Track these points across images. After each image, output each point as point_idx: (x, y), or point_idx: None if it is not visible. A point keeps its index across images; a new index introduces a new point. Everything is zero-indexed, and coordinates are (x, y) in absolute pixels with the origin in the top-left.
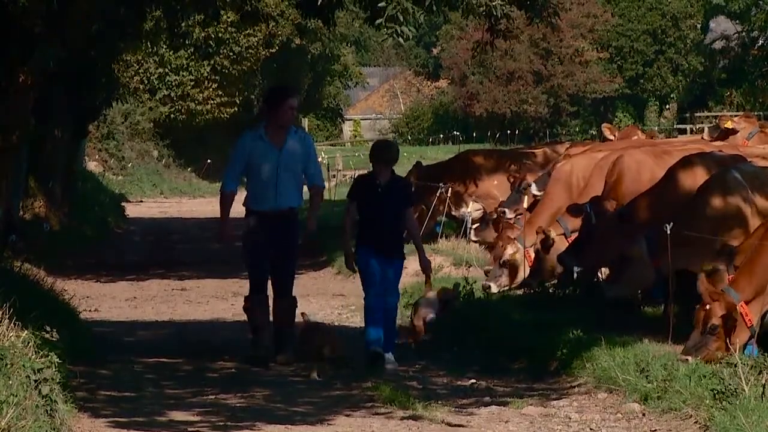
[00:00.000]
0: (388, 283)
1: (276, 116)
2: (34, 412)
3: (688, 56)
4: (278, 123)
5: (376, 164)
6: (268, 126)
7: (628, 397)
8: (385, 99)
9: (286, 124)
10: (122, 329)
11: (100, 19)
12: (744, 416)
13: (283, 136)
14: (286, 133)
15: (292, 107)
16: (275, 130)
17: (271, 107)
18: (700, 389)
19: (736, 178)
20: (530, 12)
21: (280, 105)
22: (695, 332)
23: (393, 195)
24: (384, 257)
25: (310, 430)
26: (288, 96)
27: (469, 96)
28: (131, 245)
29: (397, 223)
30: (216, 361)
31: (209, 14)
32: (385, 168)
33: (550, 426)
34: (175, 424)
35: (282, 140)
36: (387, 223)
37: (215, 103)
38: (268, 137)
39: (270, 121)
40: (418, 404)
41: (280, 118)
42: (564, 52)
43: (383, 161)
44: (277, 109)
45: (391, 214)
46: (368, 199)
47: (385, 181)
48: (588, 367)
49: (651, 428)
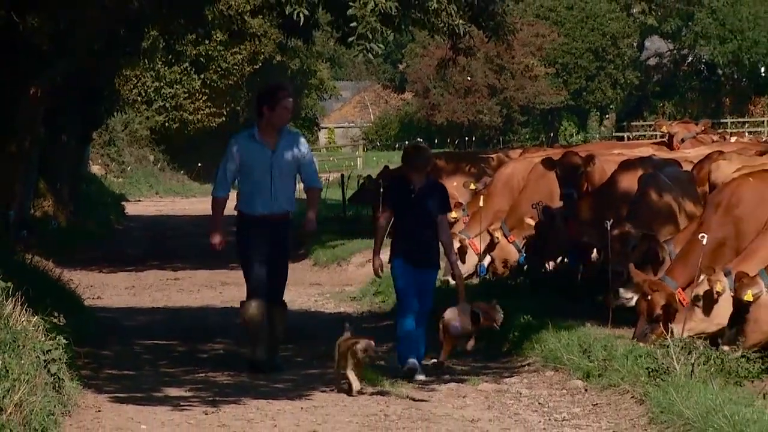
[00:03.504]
0: (422, 294)
1: (272, 116)
2: (43, 389)
3: (625, 72)
4: (273, 124)
5: (409, 170)
6: (261, 126)
7: (572, 374)
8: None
9: (280, 125)
10: (122, 315)
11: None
12: (675, 392)
13: (277, 137)
14: (280, 133)
15: (287, 108)
16: (269, 130)
17: (266, 106)
18: (636, 367)
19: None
20: (488, 31)
21: (276, 104)
22: (641, 320)
23: (428, 200)
24: (418, 267)
25: (290, 405)
26: (284, 95)
27: (431, 107)
28: (130, 240)
29: (432, 231)
30: (206, 343)
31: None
32: (418, 174)
33: (503, 401)
34: (170, 399)
35: (275, 141)
36: (421, 230)
37: (205, 113)
38: (261, 138)
39: (263, 122)
40: (386, 381)
41: (275, 118)
42: (515, 67)
43: (415, 167)
44: (273, 109)
45: (425, 220)
46: (402, 206)
47: (420, 186)
48: (537, 348)
49: (593, 402)
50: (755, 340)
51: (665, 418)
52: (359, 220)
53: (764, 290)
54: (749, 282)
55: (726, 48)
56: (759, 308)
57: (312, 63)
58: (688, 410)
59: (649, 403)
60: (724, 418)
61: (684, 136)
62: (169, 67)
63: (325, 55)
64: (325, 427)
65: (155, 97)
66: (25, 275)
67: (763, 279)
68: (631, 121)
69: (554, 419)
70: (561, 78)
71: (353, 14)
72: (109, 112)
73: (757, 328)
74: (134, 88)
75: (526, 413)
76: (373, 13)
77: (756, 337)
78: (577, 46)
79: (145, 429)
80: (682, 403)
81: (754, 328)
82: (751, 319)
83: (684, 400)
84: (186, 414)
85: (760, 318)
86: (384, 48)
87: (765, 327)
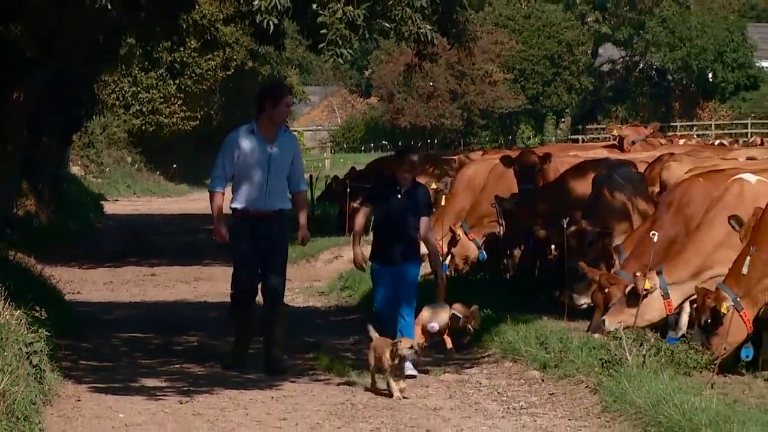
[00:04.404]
0: (404, 293)
1: (273, 113)
2: (26, 379)
3: (580, 77)
4: (274, 120)
5: (400, 171)
6: (261, 123)
7: (529, 365)
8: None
9: (280, 122)
10: (101, 309)
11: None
12: (628, 382)
13: (275, 135)
14: (277, 131)
15: (289, 105)
16: (268, 127)
17: (269, 103)
18: (590, 359)
19: (619, 180)
20: (451, 39)
21: (279, 101)
22: (597, 313)
23: (413, 202)
24: (400, 264)
25: (261, 394)
26: (286, 93)
27: (395, 111)
28: (109, 238)
29: (415, 231)
30: (181, 336)
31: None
32: (408, 175)
33: (464, 390)
34: (146, 389)
35: (273, 138)
36: (404, 229)
37: (180, 117)
38: (261, 134)
39: (264, 118)
40: (353, 372)
41: (277, 115)
42: (476, 73)
43: (406, 169)
44: (275, 105)
45: (408, 221)
46: (386, 205)
47: (407, 188)
48: (496, 341)
49: (549, 392)
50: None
51: (618, 406)
52: (327, 218)
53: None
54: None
55: (675, 55)
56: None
57: (282, 69)
58: (640, 399)
59: (603, 393)
60: (674, 406)
61: (634, 139)
62: (145, 72)
63: (295, 61)
64: (295, 415)
65: (132, 102)
66: (8, 271)
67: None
68: (586, 125)
69: (512, 408)
70: (519, 83)
71: (323, 21)
72: (89, 116)
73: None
74: (112, 92)
75: (486, 402)
76: (341, 21)
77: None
78: (534, 53)
79: (122, 417)
80: (634, 393)
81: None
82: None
83: (636, 390)
84: (161, 403)
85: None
86: (352, 54)
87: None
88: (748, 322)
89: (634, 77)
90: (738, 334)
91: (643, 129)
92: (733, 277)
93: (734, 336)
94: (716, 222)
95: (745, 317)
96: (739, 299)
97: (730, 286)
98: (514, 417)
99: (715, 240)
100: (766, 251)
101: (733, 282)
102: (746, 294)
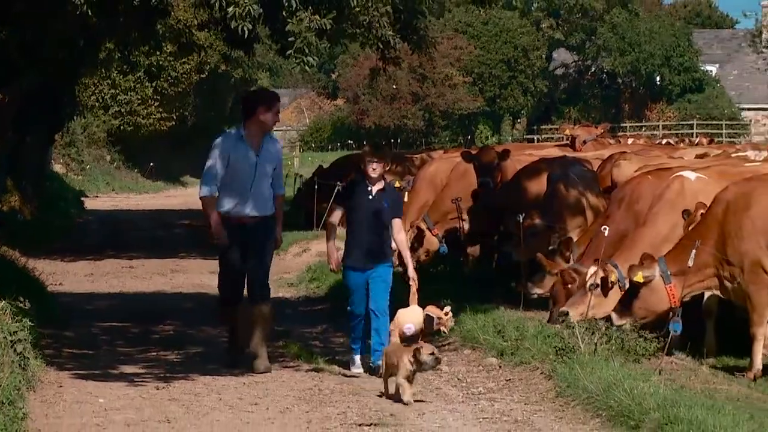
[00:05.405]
0: (377, 293)
1: (265, 117)
2: (10, 366)
3: (535, 80)
4: (264, 126)
5: (366, 161)
6: (249, 128)
7: (487, 353)
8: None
9: (270, 127)
10: (82, 300)
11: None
12: (580, 368)
13: (261, 140)
14: (263, 138)
15: (278, 112)
16: (255, 133)
17: (263, 107)
18: (545, 347)
19: (573, 178)
20: (412, 44)
21: (272, 106)
22: (556, 306)
23: (384, 203)
24: (371, 267)
25: (234, 380)
26: (277, 100)
27: (360, 112)
28: (89, 232)
29: (386, 232)
30: (158, 325)
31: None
32: (376, 165)
33: (425, 376)
34: (125, 376)
35: (259, 144)
36: (375, 230)
37: (156, 118)
38: (248, 140)
39: (253, 122)
40: (320, 359)
41: (268, 121)
42: (436, 77)
43: (371, 159)
44: (268, 110)
45: (380, 221)
46: (358, 206)
47: (378, 189)
48: (455, 329)
49: (506, 378)
50: (641, 316)
51: (571, 392)
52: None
53: (657, 275)
54: (648, 264)
55: (625, 59)
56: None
57: (253, 72)
58: (592, 385)
59: (557, 379)
60: (624, 391)
61: (585, 138)
62: (124, 75)
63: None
64: (266, 400)
65: (111, 103)
66: None
67: (660, 266)
68: (541, 125)
69: (471, 393)
70: (477, 86)
71: (291, 30)
72: (70, 117)
73: (642, 305)
74: (92, 94)
75: (446, 388)
76: (309, 30)
77: (641, 314)
78: (492, 57)
79: (102, 402)
80: (586, 379)
81: (640, 305)
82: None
83: (588, 376)
84: (140, 389)
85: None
86: (318, 59)
87: (651, 306)
88: (672, 297)
89: (586, 80)
90: (659, 304)
91: (594, 129)
92: (672, 255)
93: (655, 304)
94: (659, 217)
95: (670, 291)
96: (670, 274)
97: (667, 262)
98: (473, 401)
99: (661, 234)
100: (709, 245)
101: (671, 260)
102: (680, 273)
